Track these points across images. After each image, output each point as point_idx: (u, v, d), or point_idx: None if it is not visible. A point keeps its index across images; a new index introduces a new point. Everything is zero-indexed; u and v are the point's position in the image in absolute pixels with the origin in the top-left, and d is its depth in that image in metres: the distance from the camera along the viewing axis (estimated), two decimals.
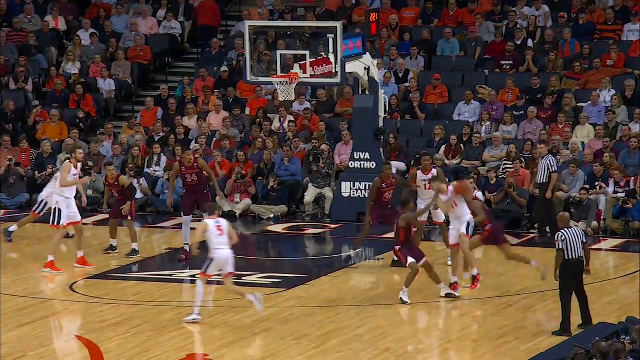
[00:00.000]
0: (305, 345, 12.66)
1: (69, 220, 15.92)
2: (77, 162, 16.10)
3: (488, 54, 22.78)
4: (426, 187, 15.90)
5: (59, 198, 15.85)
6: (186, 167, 16.36)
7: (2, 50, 24.00)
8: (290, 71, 17.61)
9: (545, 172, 17.74)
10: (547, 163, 17.73)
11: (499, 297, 14.66)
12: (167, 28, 24.79)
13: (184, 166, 16.38)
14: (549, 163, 17.72)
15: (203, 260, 13.66)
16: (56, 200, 15.89)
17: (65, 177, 15.88)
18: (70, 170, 15.93)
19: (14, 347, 12.59)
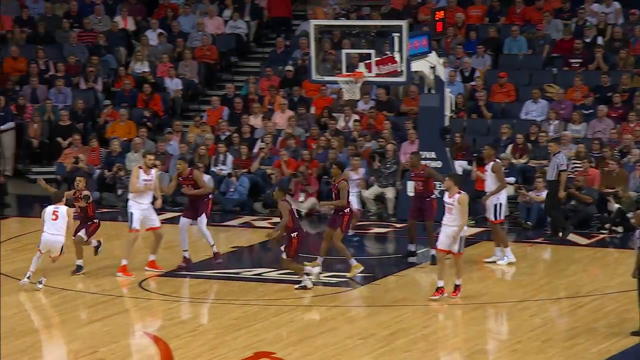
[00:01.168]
0: (371, 345, 12.64)
1: (148, 226, 15.83)
2: (148, 168, 15.87)
3: (556, 52, 22.53)
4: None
5: (131, 202, 15.88)
6: (183, 178, 16.08)
7: (72, 51, 24.37)
8: (355, 70, 17.58)
9: (554, 170, 17.50)
10: (557, 161, 17.49)
11: (569, 298, 14.48)
12: (233, 27, 24.96)
13: (181, 176, 16.10)
14: (559, 161, 17.48)
15: None
16: (130, 204, 15.92)
17: (134, 182, 15.81)
18: (140, 176, 15.75)
19: (86, 342, 12.76)
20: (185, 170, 16.09)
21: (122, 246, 16.15)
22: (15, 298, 14.66)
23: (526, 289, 14.98)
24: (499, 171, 16.13)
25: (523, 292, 14.79)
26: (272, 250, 17.57)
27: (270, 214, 20.11)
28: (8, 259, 16.54)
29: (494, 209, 16.03)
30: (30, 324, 13.73)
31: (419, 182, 16.18)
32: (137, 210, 15.70)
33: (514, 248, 16.76)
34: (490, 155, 16.27)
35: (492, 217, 16.09)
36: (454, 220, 13.91)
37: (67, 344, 12.70)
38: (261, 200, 20.60)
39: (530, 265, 16.54)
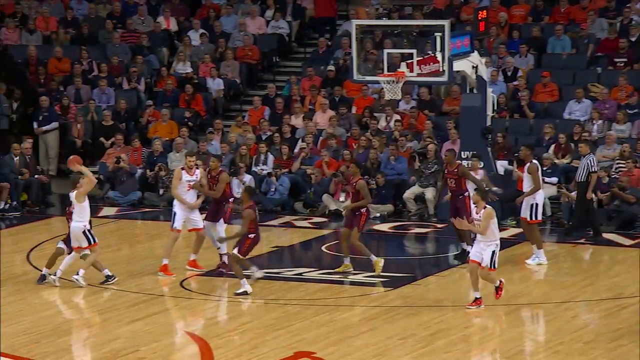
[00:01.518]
0: (411, 345, 12.59)
1: (191, 226, 15.83)
2: (189, 169, 15.84)
3: (601, 52, 22.31)
4: None
5: (176, 202, 15.87)
6: (211, 176, 16.01)
7: (116, 51, 24.56)
8: (396, 70, 17.54)
9: (584, 171, 17.30)
10: (587, 162, 17.31)
11: (612, 300, 14.32)
12: (274, 27, 25.01)
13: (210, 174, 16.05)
14: (589, 162, 17.29)
15: None
16: (175, 203, 15.89)
17: (175, 184, 15.83)
18: (182, 177, 15.77)
19: (127, 341, 12.85)
20: (216, 169, 16.02)
21: (164, 246, 16.21)
22: (58, 296, 14.80)
23: (568, 290, 14.85)
24: (535, 172, 16.04)
25: (565, 293, 14.66)
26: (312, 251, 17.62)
27: (310, 214, 20.15)
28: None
29: (530, 209, 15.93)
30: (72, 323, 13.85)
31: (452, 179, 16.13)
32: (180, 211, 15.74)
33: (556, 248, 16.61)
34: (526, 156, 16.18)
35: (528, 217, 15.99)
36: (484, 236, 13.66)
37: (109, 343, 12.79)
38: (302, 200, 20.62)
39: (573, 266, 16.39)
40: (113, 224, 19.62)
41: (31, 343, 12.75)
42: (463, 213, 15.88)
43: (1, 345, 12.65)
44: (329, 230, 19.08)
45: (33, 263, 16.40)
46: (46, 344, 12.75)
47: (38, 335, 13.06)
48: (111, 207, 20.74)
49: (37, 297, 14.71)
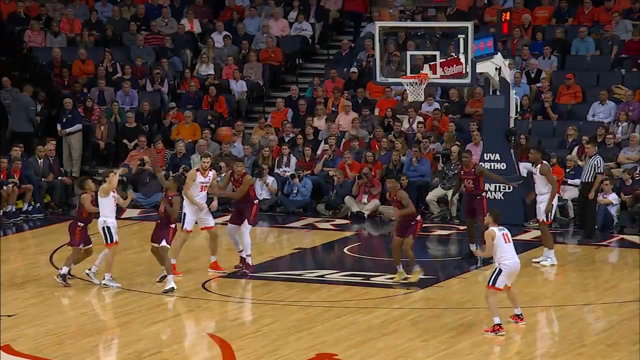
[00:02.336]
0: (434, 347, 12.57)
1: (203, 225, 15.91)
2: (205, 171, 15.92)
3: (625, 53, 22.19)
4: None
5: (186, 203, 15.94)
6: (235, 179, 16.01)
7: (139, 53, 24.66)
8: (420, 72, 17.52)
9: (591, 172, 17.20)
10: (594, 163, 17.22)
11: (635, 302, 14.24)
12: (298, 29, 25.03)
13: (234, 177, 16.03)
14: (596, 163, 17.19)
15: None
16: (185, 204, 15.94)
17: (189, 184, 15.86)
18: (196, 178, 15.82)
19: (150, 343, 12.90)
20: (240, 172, 16.02)
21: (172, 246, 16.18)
22: (81, 297, 14.88)
23: (591, 292, 14.79)
24: (548, 173, 16.02)
25: (588, 296, 14.60)
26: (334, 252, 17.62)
27: (333, 215, 20.15)
28: None
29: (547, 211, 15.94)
30: (96, 324, 13.91)
31: (469, 180, 16.13)
32: (190, 211, 15.81)
33: (579, 251, 16.52)
34: (536, 158, 16.13)
35: (543, 218, 15.96)
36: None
37: (132, 344, 12.84)
38: (324, 202, 20.63)
39: (596, 268, 16.30)
40: (136, 226, 19.69)
41: (54, 344, 12.82)
42: (479, 214, 15.87)
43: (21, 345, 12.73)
44: (351, 233, 19.07)
45: (56, 265, 16.48)
46: (69, 345, 12.82)
47: (62, 336, 13.13)
48: (134, 208, 20.82)
49: (60, 299, 14.79)
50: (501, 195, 18.73)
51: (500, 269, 12.82)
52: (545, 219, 16.03)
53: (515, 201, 18.38)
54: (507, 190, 18.50)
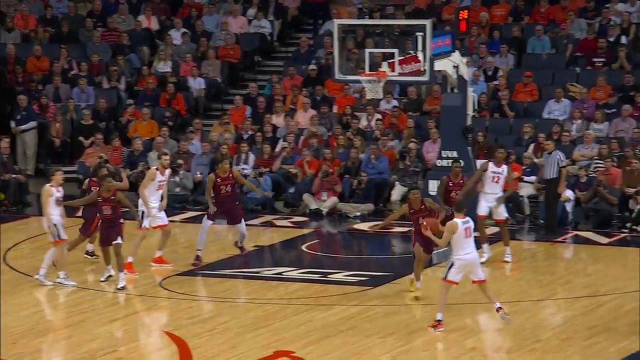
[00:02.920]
0: (391, 344, 12.62)
1: (156, 224, 15.89)
2: (164, 169, 15.93)
3: (580, 52, 22.41)
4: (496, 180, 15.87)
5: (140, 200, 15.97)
6: (222, 179, 16.06)
7: (96, 50, 24.48)
8: (378, 69, 17.56)
9: (554, 167, 17.39)
10: (557, 158, 17.39)
11: (589, 297, 14.40)
12: (256, 27, 24.99)
13: (220, 177, 16.06)
14: (558, 158, 17.38)
15: None
16: (140, 202, 15.99)
17: (146, 183, 15.86)
18: (155, 177, 15.84)
19: (105, 341, 12.82)
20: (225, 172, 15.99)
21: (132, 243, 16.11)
22: (34, 297, 14.74)
23: (546, 288, 14.92)
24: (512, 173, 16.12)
25: (543, 291, 14.73)
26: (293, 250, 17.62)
27: (291, 213, 20.14)
28: (29, 258, 16.64)
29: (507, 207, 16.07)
30: (49, 323, 13.80)
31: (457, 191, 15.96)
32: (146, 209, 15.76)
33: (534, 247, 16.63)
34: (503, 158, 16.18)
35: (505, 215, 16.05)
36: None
37: (86, 343, 12.75)
38: (282, 200, 20.62)
39: (551, 264, 16.45)
40: None
41: (8, 344, 12.69)
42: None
43: None
44: (309, 230, 19.09)
45: (10, 263, 16.32)
46: (23, 344, 12.71)
47: (15, 336, 13.00)
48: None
49: (14, 297, 14.65)
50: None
51: (453, 262, 12.87)
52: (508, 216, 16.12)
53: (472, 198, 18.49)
54: None
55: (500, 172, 16.02)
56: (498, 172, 15.99)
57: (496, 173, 15.99)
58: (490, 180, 15.99)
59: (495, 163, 16.05)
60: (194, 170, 21.17)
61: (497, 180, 15.97)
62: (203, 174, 20.84)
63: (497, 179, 15.97)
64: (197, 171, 21.08)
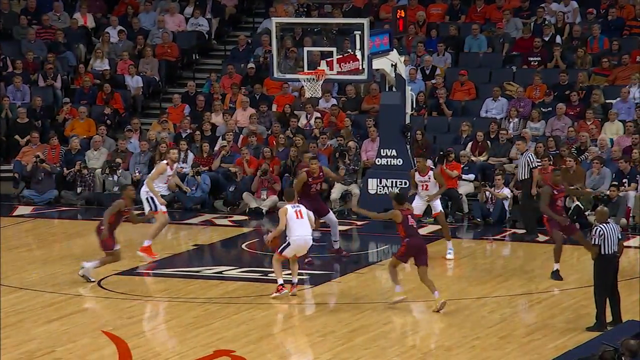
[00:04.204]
0: (331, 342, 12.66)
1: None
2: (173, 163, 16.52)
3: (516, 51, 22.69)
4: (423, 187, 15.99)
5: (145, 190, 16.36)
6: (313, 178, 15.98)
7: (31, 47, 24.14)
8: (317, 68, 17.60)
9: (525, 168, 17.62)
10: (527, 159, 17.62)
11: (527, 295, 14.60)
12: (194, 25, 24.87)
13: (311, 177, 15.97)
14: (528, 159, 17.61)
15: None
16: (145, 190, 16.38)
17: (154, 176, 16.38)
18: (165, 172, 16.42)
19: (43, 342, 12.67)
20: (317, 171, 15.96)
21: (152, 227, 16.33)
22: None
23: (485, 285, 15.08)
24: (439, 177, 16.27)
25: (482, 289, 14.88)
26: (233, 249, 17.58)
27: (231, 211, 20.09)
28: None
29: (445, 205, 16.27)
30: None
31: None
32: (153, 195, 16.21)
33: (473, 245, 16.80)
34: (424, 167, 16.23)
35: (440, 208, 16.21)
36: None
37: (24, 344, 12.59)
38: (222, 198, 20.55)
39: (490, 262, 16.64)
40: (29, 223, 19.32)
41: None
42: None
43: None
44: (249, 229, 19.05)
45: None
46: None
47: None
48: (26, 205, 20.41)
49: None
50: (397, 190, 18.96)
51: (289, 242, 14.17)
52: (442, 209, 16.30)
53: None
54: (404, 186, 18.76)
55: (426, 180, 16.08)
56: (424, 180, 16.07)
57: (422, 181, 16.09)
58: (420, 187, 16.11)
59: (419, 172, 16.11)
60: (133, 169, 21.01)
61: (425, 188, 16.05)
62: (141, 173, 20.71)
63: (425, 186, 16.05)
64: (135, 170, 20.92)
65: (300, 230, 14.12)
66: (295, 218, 14.13)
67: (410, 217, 13.84)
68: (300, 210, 14.22)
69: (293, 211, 14.19)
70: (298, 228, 14.11)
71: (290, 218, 14.13)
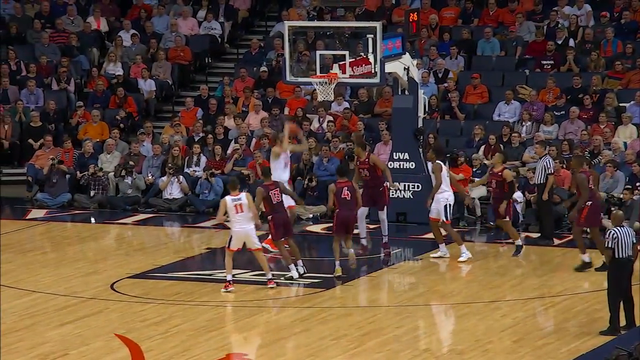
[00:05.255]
0: (344, 346, 12.65)
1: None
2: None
3: (529, 54, 22.65)
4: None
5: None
6: (360, 162, 16.51)
7: (44, 51, 24.24)
8: (329, 71, 17.60)
9: (542, 173, 17.55)
10: (544, 164, 17.55)
11: (540, 298, 14.56)
12: (207, 28, 24.91)
13: (358, 160, 16.55)
14: (546, 164, 17.54)
15: None
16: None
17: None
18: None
19: (56, 345, 12.70)
20: (362, 155, 16.41)
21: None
22: None
23: (498, 289, 15.06)
24: (437, 172, 16.25)
25: (495, 293, 14.85)
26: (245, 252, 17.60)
27: None
28: None
29: (445, 209, 16.16)
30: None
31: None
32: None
33: (486, 248, 16.78)
34: (431, 157, 16.40)
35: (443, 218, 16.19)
36: None
37: (37, 347, 12.63)
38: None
39: (502, 266, 16.60)
40: (42, 226, 19.38)
41: None
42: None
43: None
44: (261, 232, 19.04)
45: None
46: None
47: None
48: (40, 209, 20.47)
49: None
50: (410, 194, 18.97)
51: (231, 235, 14.77)
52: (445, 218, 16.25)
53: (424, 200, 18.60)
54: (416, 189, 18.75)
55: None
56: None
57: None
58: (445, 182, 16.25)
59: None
60: (146, 173, 21.05)
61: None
62: (154, 176, 20.76)
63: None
64: (148, 173, 20.97)
65: (239, 223, 14.63)
66: (235, 213, 14.58)
67: (346, 190, 15.18)
68: (240, 204, 14.62)
69: (233, 205, 14.62)
70: (237, 221, 14.62)
71: (230, 210, 14.62)
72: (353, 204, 15.43)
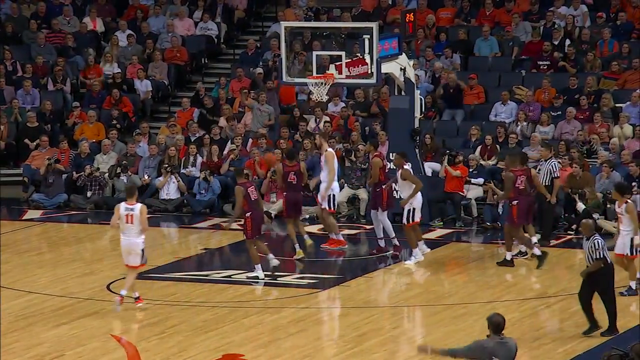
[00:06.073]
0: (341, 346, 12.66)
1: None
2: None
3: (525, 54, 22.65)
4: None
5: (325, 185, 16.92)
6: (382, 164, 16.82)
7: (40, 52, 24.21)
8: (326, 72, 17.60)
9: (547, 176, 17.50)
10: (549, 167, 17.50)
11: (536, 299, 14.57)
12: (203, 29, 24.90)
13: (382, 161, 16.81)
14: (551, 168, 17.49)
15: None
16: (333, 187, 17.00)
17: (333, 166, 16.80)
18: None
19: (53, 346, 12.69)
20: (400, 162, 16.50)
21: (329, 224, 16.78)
22: None
23: (494, 289, 15.06)
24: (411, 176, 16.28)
25: (491, 293, 14.86)
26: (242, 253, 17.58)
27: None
28: None
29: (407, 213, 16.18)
30: None
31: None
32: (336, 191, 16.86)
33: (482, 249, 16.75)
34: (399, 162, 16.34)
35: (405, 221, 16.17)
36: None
37: (33, 348, 12.62)
38: (231, 202, 20.54)
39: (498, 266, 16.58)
40: (38, 227, 19.36)
41: None
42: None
43: None
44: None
45: None
46: None
47: None
48: (36, 209, 20.45)
49: None
50: None
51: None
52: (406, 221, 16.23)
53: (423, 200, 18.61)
54: None
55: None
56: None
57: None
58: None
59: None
60: (142, 173, 21.04)
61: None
62: (151, 177, 20.75)
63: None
64: (144, 173, 20.95)
65: (126, 234, 13.91)
66: (125, 222, 13.90)
67: (292, 174, 16.16)
68: (132, 215, 13.88)
69: (124, 213, 13.93)
70: (124, 231, 13.91)
71: (121, 218, 13.92)
72: (299, 187, 16.61)
